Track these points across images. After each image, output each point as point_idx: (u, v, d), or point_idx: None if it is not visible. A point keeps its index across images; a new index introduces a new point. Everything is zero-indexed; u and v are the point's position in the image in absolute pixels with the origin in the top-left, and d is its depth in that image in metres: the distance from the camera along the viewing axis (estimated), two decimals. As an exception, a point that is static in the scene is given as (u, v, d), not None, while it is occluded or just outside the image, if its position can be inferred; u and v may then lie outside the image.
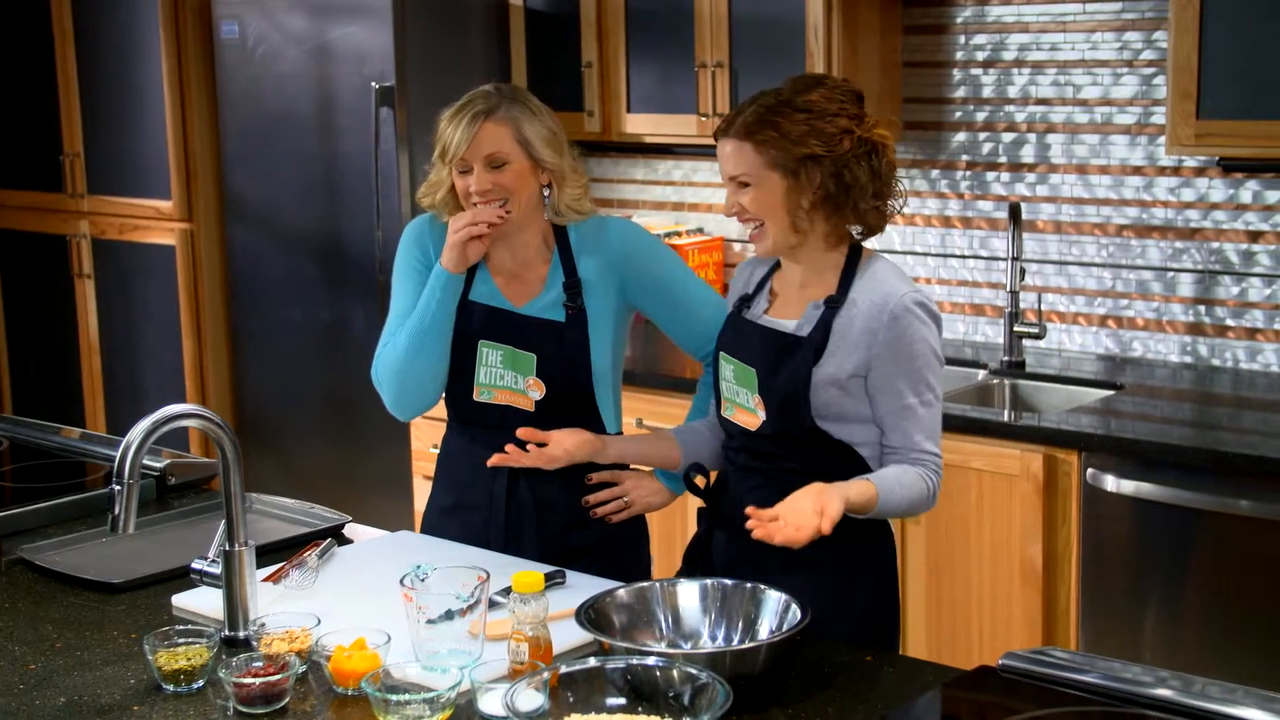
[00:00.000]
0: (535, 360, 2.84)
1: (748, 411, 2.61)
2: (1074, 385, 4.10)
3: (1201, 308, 4.13)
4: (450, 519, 2.94)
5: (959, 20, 4.44)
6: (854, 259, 2.58)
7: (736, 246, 4.99)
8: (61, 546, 2.88)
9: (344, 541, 2.93)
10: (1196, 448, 3.45)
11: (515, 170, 2.81)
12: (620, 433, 2.97)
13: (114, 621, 2.52)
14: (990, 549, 3.72)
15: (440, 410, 3.06)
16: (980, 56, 4.42)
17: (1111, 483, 3.53)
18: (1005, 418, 3.95)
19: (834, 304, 2.55)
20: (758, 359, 2.58)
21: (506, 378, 2.86)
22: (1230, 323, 4.10)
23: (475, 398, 2.89)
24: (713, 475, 2.77)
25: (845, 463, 2.54)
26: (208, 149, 5.44)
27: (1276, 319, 4.03)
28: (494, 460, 2.76)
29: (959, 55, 4.45)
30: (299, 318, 5.23)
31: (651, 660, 2.03)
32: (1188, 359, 4.16)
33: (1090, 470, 3.56)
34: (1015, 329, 4.23)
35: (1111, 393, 3.96)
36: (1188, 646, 3.48)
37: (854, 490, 2.42)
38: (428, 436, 4.78)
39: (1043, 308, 4.33)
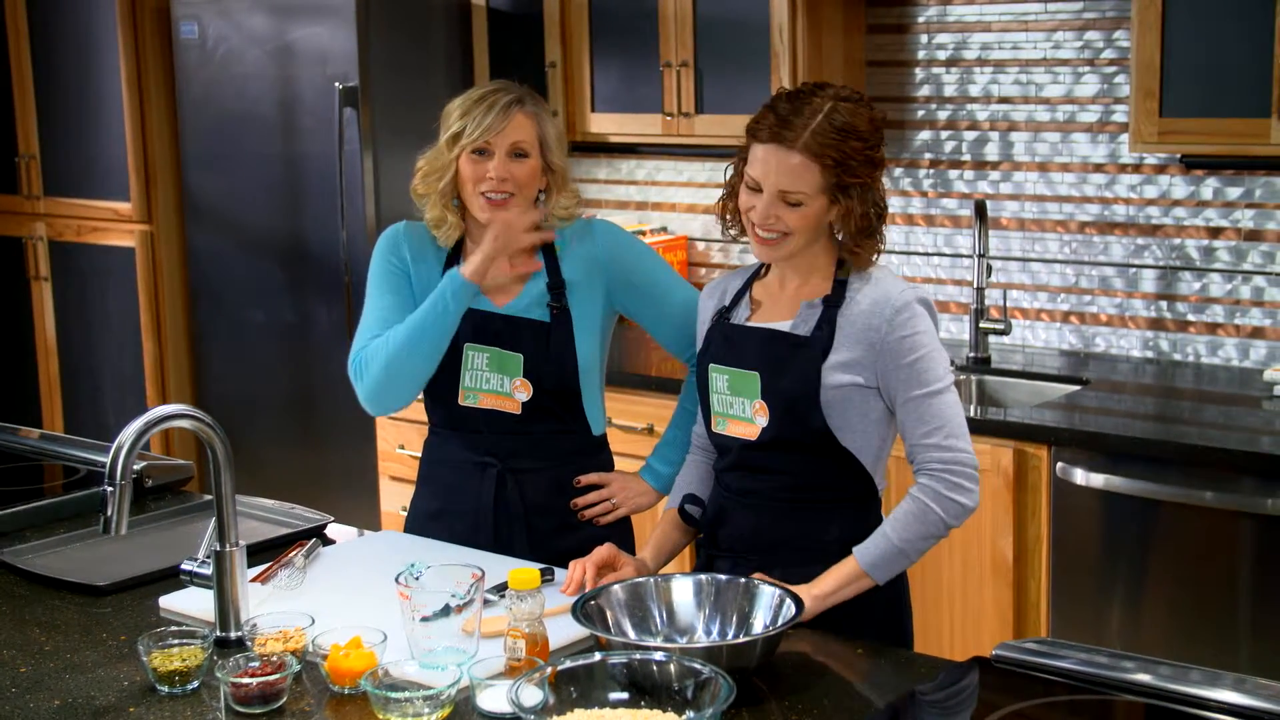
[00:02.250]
0: (522, 360, 2.82)
1: (744, 421, 2.56)
2: (1040, 380, 4.15)
3: (1163, 303, 4.19)
4: (437, 524, 2.92)
5: (921, 20, 4.48)
6: (842, 260, 2.56)
7: (700, 245, 5.01)
8: (40, 550, 2.86)
9: (326, 542, 2.92)
10: (1165, 441, 3.50)
11: (530, 166, 2.81)
12: (604, 434, 2.96)
13: (102, 624, 2.51)
14: (961, 543, 3.75)
15: (408, 411, 3.06)
16: (942, 55, 4.46)
17: (1081, 476, 3.58)
18: (973, 413, 3.98)
19: (833, 302, 2.51)
20: (760, 362, 2.53)
21: (492, 381, 2.84)
22: (1191, 318, 4.15)
23: (460, 402, 2.87)
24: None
25: (845, 472, 2.52)
26: (167, 150, 5.42)
27: (1237, 314, 4.09)
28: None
29: (921, 54, 4.49)
30: (262, 319, 5.21)
31: (659, 655, 2.04)
32: (1149, 354, 4.22)
33: (1060, 464, 3.61)
34: (981, 325, 4.28)
35: (1078, 388, 4.01)
36: (1158, 636, 3.53)
37: (833, 579, 2.44)
38: (394, 437, 4.78)
39: (1007, 304, 4.38)
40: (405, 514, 4.74)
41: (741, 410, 2.56)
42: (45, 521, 3.04)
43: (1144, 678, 2.16)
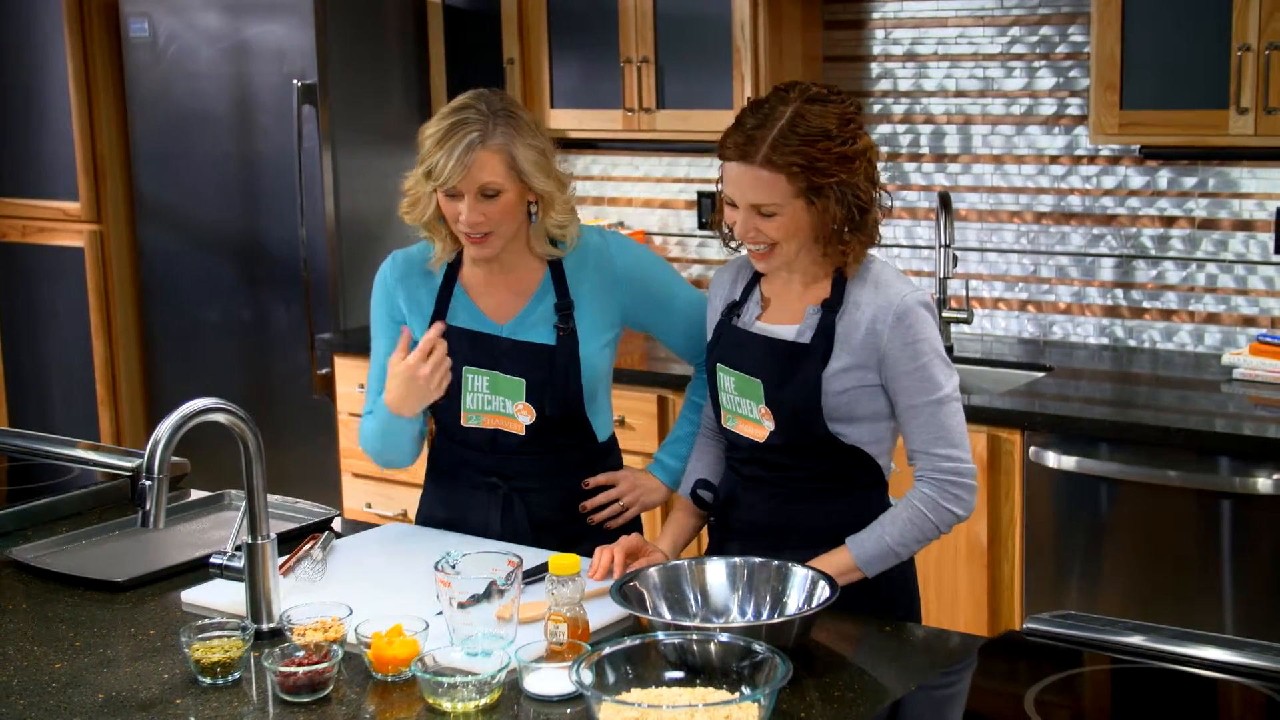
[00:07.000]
0: (524, 385, 2.77)
1: (752, 423, 2.59)
2: (1003, 368, 4.25)
3: (1119, 291, 4.30)
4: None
5: (878, 15, 4.56)
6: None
7: (658, 239, 5.06)
8: (47, 548, 2.84)
9: (335, 535, 2.94)
10: (1140, 424, 3.59)
11: (504, 202, 2.67)
12: (612, 435, 2.93)
13: (127, 619, 2.51)
14: (936, 527, 3.83)
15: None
16: (899, 50, 4.54)
17: (1054, 459, 3.67)
18: (941, 400, 4.07)
19: (832, 306, 2.53)
20: (762, 370, 2.55)
21: (494, 402, 2.79)
22: (1147, 305, 4.27)
23: (463, 423, 2.82)
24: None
25: (856, 465, 2.57)
26: (116, 149, 5.37)
27: (1191, 300, 4.21)
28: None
29: (878, 49, 4.57)
30: (217, 318, 5.18)
31: (723, 636, 2.08)
32: (1105, 340, 4.33)
33: (1033, 448, 3.70)
34: (943, 315, 4.36)
35: (1041, 375, 4.11)
36: (1131, 612, 3.62)
37: (827, 569, 2.45)
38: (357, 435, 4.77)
39: (968, 294, 4.47)
40: (369, 509, 4.77)
41: (749, 411, 2.59)
42: (45, 520, 3.02)
43: (1176, 647, 2.23)
